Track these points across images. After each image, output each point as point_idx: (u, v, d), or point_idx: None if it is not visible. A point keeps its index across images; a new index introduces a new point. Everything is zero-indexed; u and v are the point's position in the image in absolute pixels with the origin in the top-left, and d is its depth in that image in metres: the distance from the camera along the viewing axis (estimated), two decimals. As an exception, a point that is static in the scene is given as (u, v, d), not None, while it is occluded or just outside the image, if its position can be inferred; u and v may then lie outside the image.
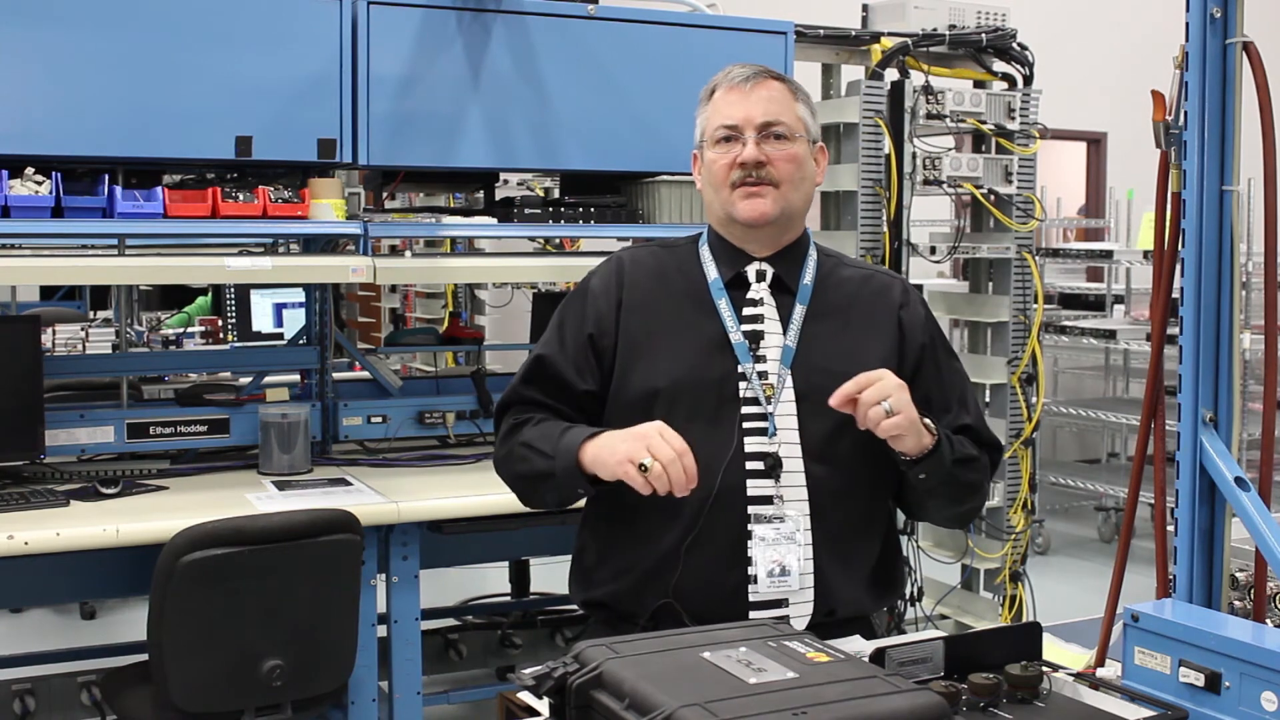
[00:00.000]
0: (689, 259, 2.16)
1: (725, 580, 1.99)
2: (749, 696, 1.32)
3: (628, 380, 2.08)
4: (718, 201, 2.10)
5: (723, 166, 2.07)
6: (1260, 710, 1.50)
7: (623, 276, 2.14)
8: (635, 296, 2.12)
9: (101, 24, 3.07)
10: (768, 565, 1.98)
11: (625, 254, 2.20)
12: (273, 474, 3.41)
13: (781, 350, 2.05)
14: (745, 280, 2.11)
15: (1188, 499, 2.15)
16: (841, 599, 2.04)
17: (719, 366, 2.05)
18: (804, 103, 2.12)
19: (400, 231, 3.66)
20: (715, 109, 2.10)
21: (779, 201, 2.06)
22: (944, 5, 4.52)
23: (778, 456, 2.01)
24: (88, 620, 5.29)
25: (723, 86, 2.10)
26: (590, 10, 3.56)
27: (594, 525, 2.15)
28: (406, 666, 3.23)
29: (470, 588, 5.02)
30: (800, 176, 2.09)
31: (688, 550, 1.99)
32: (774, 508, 2.00)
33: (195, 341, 5.70)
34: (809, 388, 2.03)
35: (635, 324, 2.10)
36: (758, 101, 2.06)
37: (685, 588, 1.99)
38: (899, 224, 4.32)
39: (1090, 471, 7.36)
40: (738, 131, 2.06)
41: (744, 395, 2.03)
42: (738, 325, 2.07)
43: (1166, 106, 2.19)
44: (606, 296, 2.12)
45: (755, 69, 2.10)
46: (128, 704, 2.89)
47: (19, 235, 3.79)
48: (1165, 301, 2.30)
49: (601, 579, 2.10)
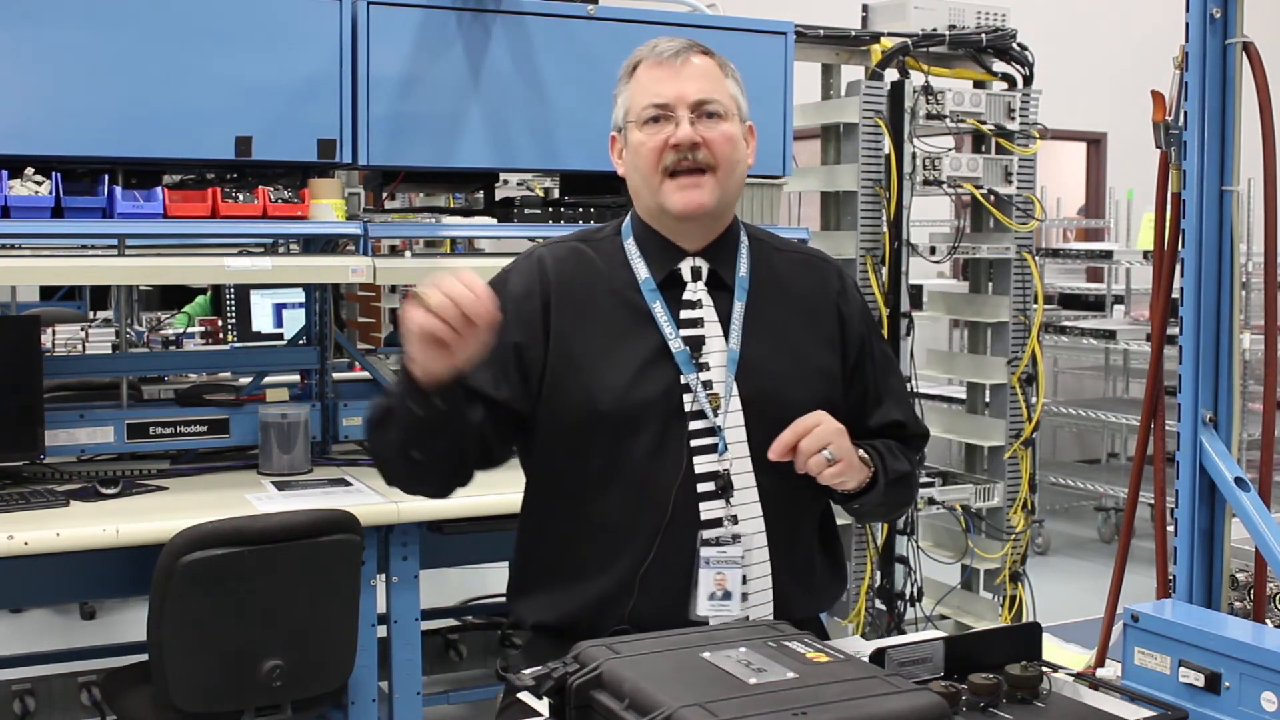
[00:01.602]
0: (614, 254, 1.98)
1: (682, 606, 1.89)
2: (749, 696, 1.32)
3: (565, 401, 1.92)
4: (646, 190, 1.93)
5: (652, 150, 1.90)
6: (1260, 710, 1.50)
7: (546, 278, 1.95)
8: (564, 303, 1.94)
9: (101, 24, 3.07)
10: (710, 588, 1.88)
11: (544, 251, 2.00)
12: (273, 474, 3.41)
13: (726, 355, 1.93)
14: (679, 279, 1.96)
15: (1188, 499, 2.14)
16: (796, 603, 1.97)
17: (661, 379, 1.91)
18: (733, 79, 1.97)
19: (400, 231, 3.66)
20: (641, 86, 1.93)
21: (715, 190, 1.91)
22: (944, 5, 4.51)
23: (729, 476, 1.90)
24: (88, 620, 5.29)
25: (648, 61, 1.93)
26: (590, 10, 3.56)
27: (536, 548, 2.03)
28: (406, 666, 3.23)
29: (470, 588, 5.02)
30: (736, 159, 1.94)
31: (643, 577, 1.89)
32: (724, 529, 1.90)
33: (195, 342, 5.70)
34: (755, 393, 1.93)
35: (569, 336, 1.93)
36: (690, 77, 1.90)
37: (642, 614, 1.88)
38: (899, 224, 4.32)
39: (1090, 471, 7.36)
40: (669, 110, 1.89)
41: (689, 409, 1.91)
42: (677, 332, 1.92)
43: (1166, 106, 2.19)
44: (530, 301, 1.93)
45: (683, 42, 1.94)
46: (128, 704, 2.89)
47: (19, 235, 3.78)
48: (1165, 301, 2.30)
49: (554, 602, 1.98)
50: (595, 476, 1.93)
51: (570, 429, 1.93)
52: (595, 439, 1.91)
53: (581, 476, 1.95)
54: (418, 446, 1.86)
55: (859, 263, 4.30)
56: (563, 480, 1.98)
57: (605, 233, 2.04)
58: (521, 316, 1.93)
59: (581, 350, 1.93)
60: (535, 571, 2.04)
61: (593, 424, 1.91)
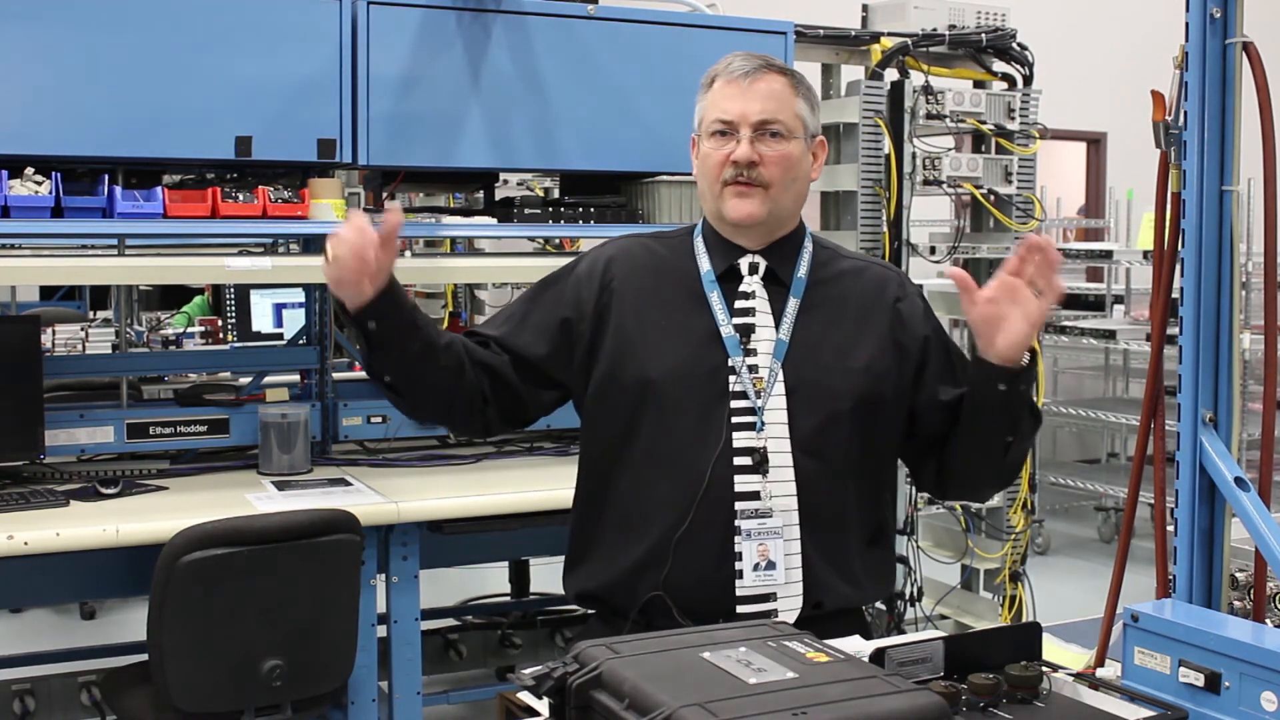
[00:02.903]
0: (683, 250, 2.14)
1: (714, 574, 1.99)
2: (749, 696, 1.32)
3: (620, 369, 2.07)
4: (709, 195, 2.09)
5: (715, 162, 2.05)
6: (1260, 710, 1.50)
7: (611, 266, 2.13)
8: (626, 286, 2.10)
9: (101, 24, 3.06)
10: (754, 559, 1.99)
11: (616, 243, 2.19)
12: (272, 474, 3.40)
13: (774, 344, 2.05)
14: (738, 273, 2.09)
15: (1188, 499, 2.15)
16: (829, 591, 2.04)
17: (709, 360, 2.04)
18: (804, 97, 2.09)
19: (400, 232, 3.65)
20: (713, 101, 2.07)
21: (767, 203, 2.05)
22: (944, 5, 4.52)
23: (765, 452, 2.00)
24: (88, 620, 5.29)
25: (722, 78, 2.07)
26: (590, 10, 3.56)
27: (586, 521, 2.14)
28: (406, 666, 3.23)
29: (470, 588, 5.02)
30: (792, 178, 2.07)
31: (677, 544, 1.99)
32: (760, 502, 2.00)
33: (195, 341, 5.70)
34: (799, 382, 2.03)
35: (627, 313, 2.08)
36: (755, 97, 2.03)
37: (675, 581, 1.99)
38: (899, 224, 4.32)
39: (1090, 471, 7.36)
40: (733, 127, 2.03)
41: (734, 389, 2.02)
42: (729, 318, 2.05)
43: (1166, 106, 2.19)
44: (590, 283, 2.12)
45: (756, 61, 2.06)
46: (127, 704, 2.89)
47: (19, 235, 3.79)
48: (1165, 301, 2.31)
49: (594, 571, 2.10)
50: (640, 447, 2.06)
51: (623, 393, 2.07)
52: (643, 409, 2.04)
53: (627, 446, 2.07)
54: (385, 370, 2.04)
55: (859, 263, 4.29)
56: (609, 449, 2.10)
57: (679, 233, 2.21)
58: (578, 295, 2.12)
59: (638, 327, 2.08)
60: (581, 544, 2.15)
61: (641, 390, 2.05)
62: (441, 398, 2.09)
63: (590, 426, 2.16)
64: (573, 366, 2.12)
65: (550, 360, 2.11)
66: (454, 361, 2.05)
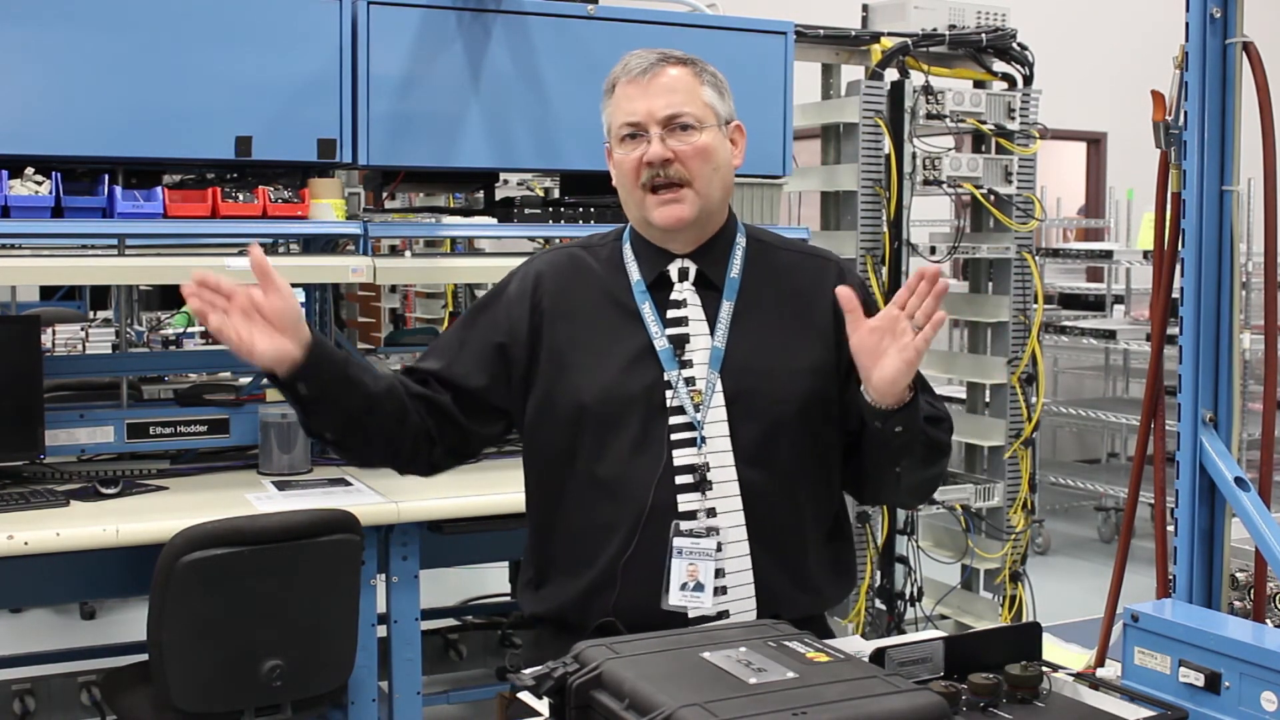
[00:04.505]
0: (611, 260, 2.06)
1: (661, 597, 1.92)
2: (749, 696, 1.32)
3: (553, 395, 2.00)
4: (631, 203, 2.00)
5: (630, 167, 1.96)
6: (1260, 710, 1.50)
7: (540, 284, 2.04)
8: (556, 305, 2.02)
9: (101, 24, 3.07)
10: (681, 578, 1.91)
11: (542, 259, 2.10)
12: (273, 474, 3.41)
13: (709, 353, 1.97)
14: (669, 280, 2.01)
15: (1188, 499, 2.15)
16: (786, 602, 1.96)
17: (644, 376, 1.96)
18: (710, 84, 2.00)
19: (400, 231, 3.66)
20: (617, 105, 1.99)
21: (695, 202, 1.96)
22: (944, 5, 4.52)
23: (705, 470, 1.93)
24: (88, 620, 5.29)
25: (622, 80, 1.98)
26: (590, 10, 3.56)
27: (538, 543, 2.09)
28: (406, 666, 3.23)
29: (470, 588, 5.02)
30: (712, 168, 1.97)
31: (624, 568, 1.93)
32: (699, 521, 1.93)
33: (195, 341, 5.70)
34: (739, 391, 1.96)
35: (559, 334, 2.01)
36: (658, 93, 1.94)
37: (624, 605, 1.93)
38: (899, 224, 4.32)
39: (1090, 471, 7.36)
40: (640, 128, 1.95)
41: (671, 404, 1.95)
42: (662, 331, 1.97)
43: (1166, 106, 2.19)
44: (520, 305, 2.03)
45: (653, 57, 1.98)
46: (127, 704, 2.89)
47: (19, 235, 3.78)
48: (1165, 301, 2.30)
49: (548, 594, 2.05)
50: (582, 471, 1.99)
51: (558, 421, 2.00)
52: (581, 434, 1.98)
53: (569, 471, 2.00)
54: (325, 429, 1.98)
55: (859, 263, 4.30)
56: (552, 474, 2.04)
57: (607, 239, 2.11)
58: (510, 319, 2.04)
59: (571, 349, 2.01)
60: (533, 563, 2.10)
61: (578, 418, 1.98)
62: (387, 446, 2.03)
63: (531, 451, 2.08)
64: (512, 392, 2.04)
65: (490, 390, 2.04)
66: (395, 407, 1.98)
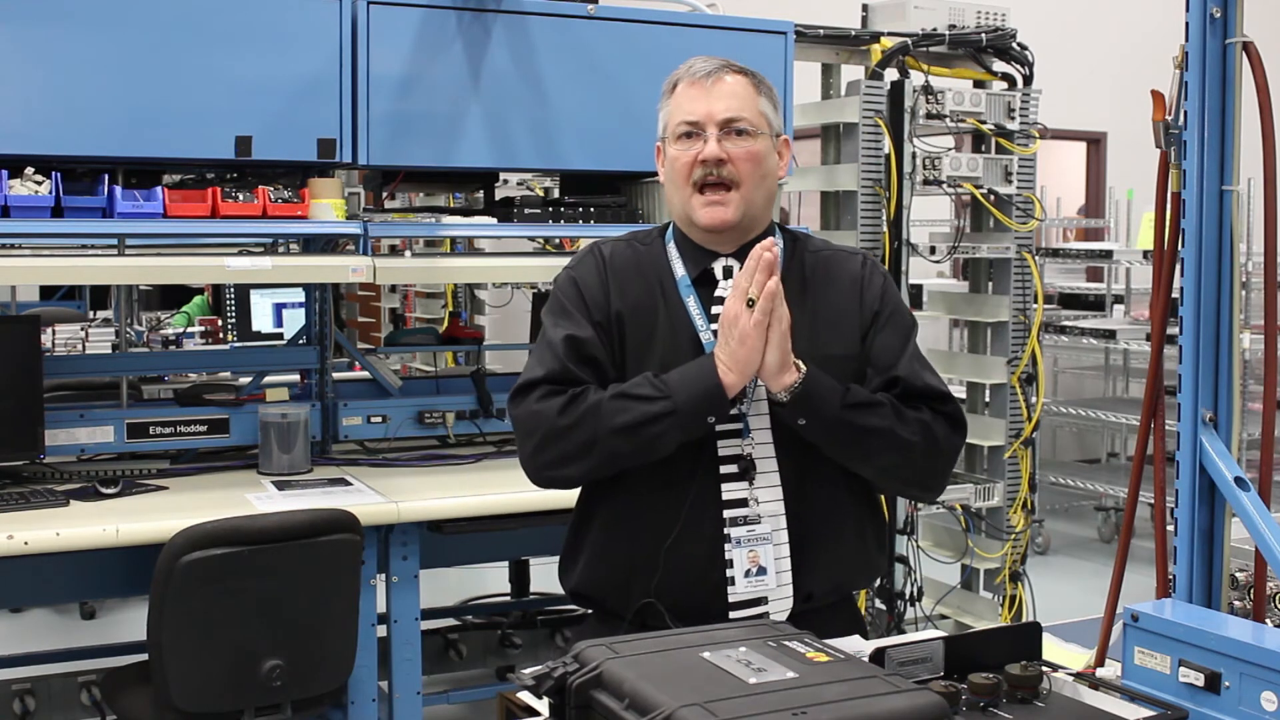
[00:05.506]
0: (658, 254, 2.13)
1: (704, 581, 2.01)
2: (749, 696, 1.32)
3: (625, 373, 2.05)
4: (679, 200, 2.08)
5: (684, 164, 2.04)
6: (1260, 710, 1.50)
7: (605, 269, 2.10)
8: (622, 292, 2.09)
9: (101, 24, 3.07)
10: (744, 566, 2.00)
11: (602, 246, 2.16)
12: (272, 474, 3.41)
13: None
14: (712, 277, 2.09)
15: (1188, 499, 2.14)
16: (818, 584, 2.05)
17: None
18: (766, 96, 2.09)
19: (400, 231, 3.66)
20: (677, 104, 2.07)
21: (739, 206, 2.04)
22: (944, 5, 4.52)
23: (751, 459, 2.01)
24: (88, 620, 5.29)
25: (684, 81, 2.07)
26: (590, 10, 3.56)
27: (581, 519, 2.15)
28: (406, 666, 3.23)
29: (470, 588, 5.02)
30: (761, 174, 2.06)
31: (668, 552, 2.00)
32: (748, 509, 2.01)
33: (195, 341, 5.70)
34: None
35: (628, 321, 2.07)
36: (719, 96, 2.03)
37: (666, 588, 2.00)
38: (899, 224, 4.32)
39: (1090, 471, 7.36)
40: (699, 128, 2.03)
41: None
42: (707, 324, 2.05)
43: (1166, 106, 2.18)
44: (601, 288, 2.08)
45: (717, 63, 2.07)
46: (127, 704, 2.89)
47: (19, 235, 3.78)
48: (1165, 301, 2.30)
49: (587, 571, 2.12)
50: None
51: None
52: None
53: None
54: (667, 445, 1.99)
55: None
56: None
57: (651, 236, 2.18)
58: (595, 300, 2.08)
59: (636, 334, 2.07)
60: (577, 542, 2.15)
61: None
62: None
63: None
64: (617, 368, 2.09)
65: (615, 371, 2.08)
66: None
